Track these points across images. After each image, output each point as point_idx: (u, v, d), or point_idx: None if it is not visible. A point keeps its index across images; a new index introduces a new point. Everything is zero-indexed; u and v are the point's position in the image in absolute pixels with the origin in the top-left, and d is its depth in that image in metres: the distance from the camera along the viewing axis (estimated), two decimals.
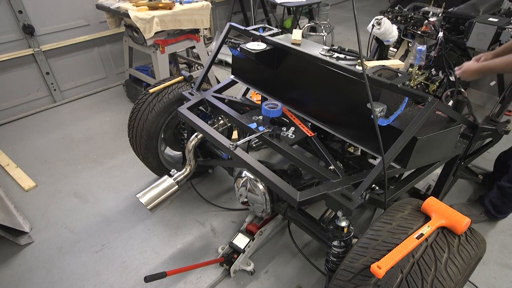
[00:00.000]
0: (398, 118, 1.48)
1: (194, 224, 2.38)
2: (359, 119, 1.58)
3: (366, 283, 1.06)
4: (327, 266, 1.50)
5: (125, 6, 3.00)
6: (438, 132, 1.47)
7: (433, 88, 2.21)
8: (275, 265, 2.09)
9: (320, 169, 1.48)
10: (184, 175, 2.10)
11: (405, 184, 1.64)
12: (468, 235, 1.15)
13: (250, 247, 2.01)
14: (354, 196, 1.27)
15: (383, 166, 1.26)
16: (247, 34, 2.04)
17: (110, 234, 2.28)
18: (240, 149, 1.65)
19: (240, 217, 2.40)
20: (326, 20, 5.26)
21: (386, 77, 1.48)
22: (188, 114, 1.87)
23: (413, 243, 1.06)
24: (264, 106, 1.81)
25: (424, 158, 1.56)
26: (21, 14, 3.26)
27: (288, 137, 1.70)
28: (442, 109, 1.46)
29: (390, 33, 2.09)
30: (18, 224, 2.28)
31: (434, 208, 1.17)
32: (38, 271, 2.09)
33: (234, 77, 2.23)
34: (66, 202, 2.55)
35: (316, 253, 2.15)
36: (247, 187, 1.80)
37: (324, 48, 1.73)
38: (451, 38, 2.44)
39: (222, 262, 2.03)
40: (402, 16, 2.48)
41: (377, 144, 1.23)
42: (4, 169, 2.90)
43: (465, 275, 1.09)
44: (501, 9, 2.81)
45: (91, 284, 2.01)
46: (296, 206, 1.37)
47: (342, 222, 1.35)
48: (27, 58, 3.46)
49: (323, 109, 1.76)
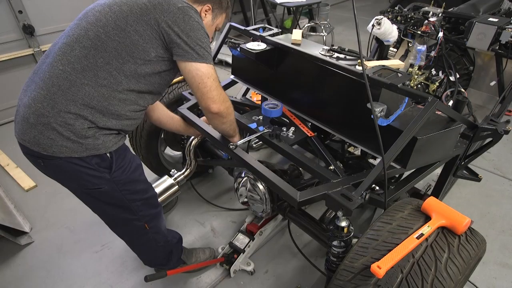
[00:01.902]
0: (398, 118, 1.48)
1: (194, 224, 2.38)
2: (359, 119, 1.58)
3: (366, 283, 1.06)
4: (327, 266, 1.50)
5: None
6: (438, 132, 1.47)
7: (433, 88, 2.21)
8: (275, 265, 2.09)
9: (320, 169, 1.48)
10: (184, 175, 2.10)
11: (405, 184, 1.64)
12: (468, 235, 1.14)
13: (250, 247, 2.01)
14: (354, 196, 1.27)
15: (383, 166, 1.26)
16: (247, 34, 2.04)
17: (110, 234, 2.25)
18: (240, 149, 1.65)
19: (240, 217, 2.40)
20: (326, 20, 5.26)
21: (386, 77, 1.48)
22: (188, 114, 1.87)
23: (413, 243, 1.06)
24: (264, 106, 1.81)
25: (424, 158, 1.56)
26: (21, 14, 3.26)
27: (288, 137, 1.70)
28: (442, 109, 1.46)
29: (390, 33, 2.09)
30: (18, 224, 2.28)
31: (434, 208, 1.17)
32: (38, 271, 2.09)
33: (234, 77, 2.22)
34: (66, 202, 2.55)
35: (316, 253, 2.15)
36: (247, 187, 1.80)
37: (324, 48, 1.73)
38: (451, 38, 2.44)
39: (222, 262, 2.03)
40: (402, 16, 2.48)
41: (377, 144, 1.23)
42: (4, 169, 2.90)
43: (465, 275, 1.09)
44: (501, 9, 2.82)
45: (91, 284, 2.01)
46: (296, 206, 1.37)
47: (342, 222, 1.35)
48: (27, 58, 3.46)
49: (323, 109, 1.76)
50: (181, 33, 1.26)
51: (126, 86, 1.29)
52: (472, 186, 2.61)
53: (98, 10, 1.28)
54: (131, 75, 1.28)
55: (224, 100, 1.43)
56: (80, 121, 1.23)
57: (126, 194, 1.43)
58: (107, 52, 1.24)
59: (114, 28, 1.24)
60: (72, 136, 1.23)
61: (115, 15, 1.25)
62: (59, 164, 1.27)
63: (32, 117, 1.22)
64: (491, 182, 2.68)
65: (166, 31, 1.26)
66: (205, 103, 1.39)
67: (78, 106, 1.23)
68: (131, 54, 1.26)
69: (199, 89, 1.35)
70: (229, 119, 1.54)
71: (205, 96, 1.36)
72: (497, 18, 2.23)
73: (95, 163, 1.30)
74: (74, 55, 1.23)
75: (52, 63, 1.24)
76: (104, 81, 1.25)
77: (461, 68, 2.71)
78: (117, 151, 1.36)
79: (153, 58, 1.30)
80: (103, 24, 1.24)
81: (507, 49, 2.23)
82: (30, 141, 1.24)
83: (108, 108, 1.27)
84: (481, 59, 2.70)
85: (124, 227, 1.61)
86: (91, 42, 1.23)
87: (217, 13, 1.53)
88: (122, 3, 1.27)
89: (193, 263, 1.95)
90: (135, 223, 1.55)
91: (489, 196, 2.56)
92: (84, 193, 1.40)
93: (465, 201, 2.51)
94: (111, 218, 1.57)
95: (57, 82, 1.22)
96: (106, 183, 1.35)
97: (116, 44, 1.24)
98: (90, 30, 1.24)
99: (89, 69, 1.23)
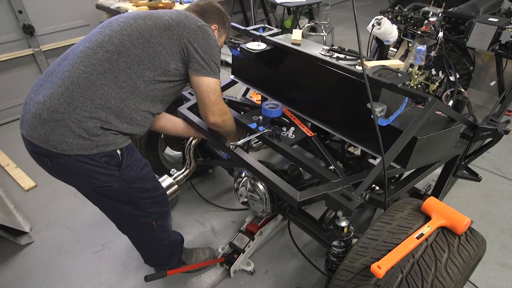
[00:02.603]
0: (398, 118, 1.48)
1: (194, 224, 2.38)
2: (359, 119, 1.58)
3: (366, 283, 1.06)
4: (327, 266, 1.50)
5: (125, 6, 3.01)
6: (438, 132, 1.47)
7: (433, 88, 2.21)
8: (275, 265, 2.09)
9: (320, 169, 1.48)
10: (183, 174, 2.10)
11: (405, 184, 1.64)
12: (468, 235, 1.14)
13: (250, 247, 2.01)
14: (354, 196, 1.27)
15: (383, 166, 1.26)
16: (247, 34, 2.04)
17: (110, 234, 2.28)
18: (240, 149, 1.65)
19: (240, 217, 2.40)
20: (326, 20, 5.26)
21: (386, 77, 1.48)
22: (188, 114, 1.87)
23: (413, 243, 1.06)
24: (264, 106, 1.81)
25: (424, 158, 1.56)
26: (21, 14, 3.26)
27: (288, 137, 1.70)
28: (442, 109, 1.46)
29: (390, 33, 2.09)
30: (18, 224, 2.28)
31: (434, 208, 1.17)
32: (38, 271, 2.09)
33: (234, 77, 2.22)
34: (66, 202, 2.55)
35: (316, 253, 2.15)
36: (247, 187, 1.80)
37: (324, 48, 1.73)
38: (451, 38, 2.44)
39: (222, 262, 2.03)
40: (402, 16, 2.48)
41: (377, 144, 1.23)
42: (4, 169, 2.90)
43: (465, 275, 1.09)
44: (501, 9, 2.81)
45: (91, 284, 2.01)
46: (296, 206, 1.37)
47: (342, 222, 1.35)
48: (27, 58, 3.46)
49: (323, 109, 1.76)
50: (199, 49, 1.41)
51: (142, 91, 1.36)
52: (472, 186, 2.61)
53: (122, 21, 1.37)
54: (149, 81, 1.37)
55: (222, 113, 1.57)
56: (93, 120, 1.27)
57: (135, 191, 1.45)
58: (129, 58, 1.31)
59: (139, 37, 1.33)
60: (84, 133, 1.25)
61: (140, 27, 1.35)
62: (67, 163, 1.28)
63: (46, 113, 1.23)
64: (491, 182, 2.68)
65: (187, 46, 1.39)
66: (205, 114, 1.55)
67: (95, 105, 1.26)
68: (153, 62, 1.35)
69: (204, 102, 1.50)
70: (225, 129, 1.67)
71: (206, 108, 1.52)
72: (497, 18, 2.23)
73: (104, 161, 1.32)
74: (97, 58, 1.29)
75: (72, 64, 1.28)
76: (123, 84, 1.31)
77: (461, 68, 2.71)
78: (127, 148, 1.38)
79: (172, 69, 1.41)
80: (128, 33, 1.33)
81: (507, 49, 2.23)
82: (40, 138, 1.25)
83: (123, 110, 1.32)
84: (481, 59, 2.70)
85: (132, 224, 1.62)
86: (115, 47, 1.30)
87: (222, 32, 1.70)
88: (146, 17, 1.38)
89: (193, 263, 1.95)
90: (143, 220, 1.57)
91: (489, 196, 2.56)
92: (93, 191, 1.40)
93: (465, 201, 2.51)
94: (119, 215, 1.58)
95: (77, 81, 1.26)
96: (116, 180, 1.37)
97: (140, 52, 1.33)
98: (114, 37, 1.32)
99: (111, 71, 1.29)
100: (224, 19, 1.68)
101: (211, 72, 1.44)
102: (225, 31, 1.71)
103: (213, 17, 1.62)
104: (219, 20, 1.65)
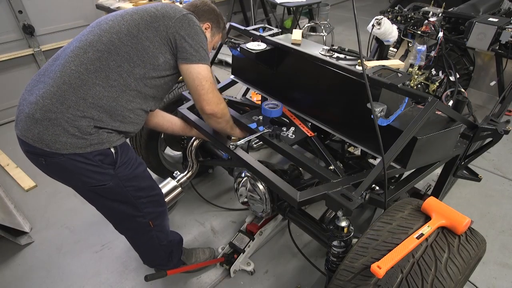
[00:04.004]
0: (398, 118, 1.48)
1: (194, 224, 2.38)
2: (359, 119, 1.58)
3: (366, 283, 1.06)
4: (327, 266, 1.50)
5: (125, 6, 3.01)
6: (438, 132, 1.47)
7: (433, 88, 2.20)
8: (275, 265, 2.09)
9: (320, 169, 1.48)
10: (187, 177, 2.11)
11: (405, 184, 1.64)
12: (468, 235, 1.14)
13: (250, 247, 2.01)
14: (354, 196, 1.27)
15: (383, 166, 1.26)
16: (247, 34, 2.04)
17: (110, 234, 2.28)
18: (240, 149, 1.65)
19: (240, 217, 2.41)
20: (326, 20, 5.26)
21: (386, 77, 1.48)
22: (188, 114, 1.87)
23: (413, 243, 1.06)
24: (264, 106, 1.81)
25: (424, 158, 1.56)
26: (21, 14, 3.26)
27: (288, 137, 1.70)
28: (442, 109, 1.46)
29: (390, 33, 2.09)
30: (18, 224, 2.29)
31: (434, 208, 1.17)
32: (38, 271, 2.09)
33: (234, 77, 2.22)
34: (66, 202, 2.55)
35: (316, 253, 2.15)
36: (247, 187, 1.80)
37: (324, 48, 1.73)
38: (451, 38, 2.44)
39: (222, 262, 2.03)
40: (402, 16, 2.48)
41: (377, 144, 1.23)
42: (4, 169, 2.90)
43: (465, 275, 1.09)
44: (501, 9, 2.81)
45: (91, 284, 2.01)
46: (296, 206, 1.37)
47: (342, 222, 1.35)
48: (27, 58, 3.46)
49: (323, 109, 1.76)
50: (187, 36, 1.39)
51: (134, 88, 1.36)
52: (472, 186, 2.61)
53: (111, 19, 1.38)
54: (140, 78, 1.37)
55: (218, 102, 1.52)
56: (86, 119, 1.27)
57: (131, 190, 1.45)
58: (119, 56, 1.32)
59: (127, 34, 1.34)
60: (77, 132, 1.25)
61: (127, 23, 1.36)
62: (61, 162, 1.28)
63: (39, 112, 1.23)
64: (491, 182, 2.68)
65: (174, 36, 1.38)
66: (201, 105, 1.49)
67: (87, 105, 1.26)
68: (142, 58, 1.35)
69: (197, 91, 1.45)
70: (224, 119, 1.61)
71: (201, 98, 1.46)
72: (497, 18, 2.23)
73: (99, 159, 1.32)
74: (87, 57, 1.29)
75: (64, 64, 1.29)
76: (114, 82, 1.31)
77: (461, 68, 2.71)
78: (121, 147, 1.38)
79: (161, 63, 1.40)
80: (117, 31, 1.34)
81: (507, 49, 2.23)
82: (34, 138, 1.25)
83: (115, 109, 1.32)
84: (481, 59, 2.70)
85: (128, 224, 1.62)
86: (105, 46, 1.31)
87: (215, 32, 1.69)
88: (133, 13, 1.39)
89: (193, 263, 1.95)
90: (139, 220, 1.56)
91: (489, 196, 2.56)
92: (88, 190, 1.41)
93: (465, 201, 2.52)
94: (115, 215, 1.58)
95: (69, 81, 1.26)
96: (111, 179, 1.37)
97: (128, 49, 1.33)
98: (103, 36, 1.33)
99: (102, 70, 1.29)
100: (218, 19, 1.68)
101: (201, 58, 1.42)
102: (219, 31, 1.70)
103: (206, 16, 1.63)
104: (212, 19, 1.65)
